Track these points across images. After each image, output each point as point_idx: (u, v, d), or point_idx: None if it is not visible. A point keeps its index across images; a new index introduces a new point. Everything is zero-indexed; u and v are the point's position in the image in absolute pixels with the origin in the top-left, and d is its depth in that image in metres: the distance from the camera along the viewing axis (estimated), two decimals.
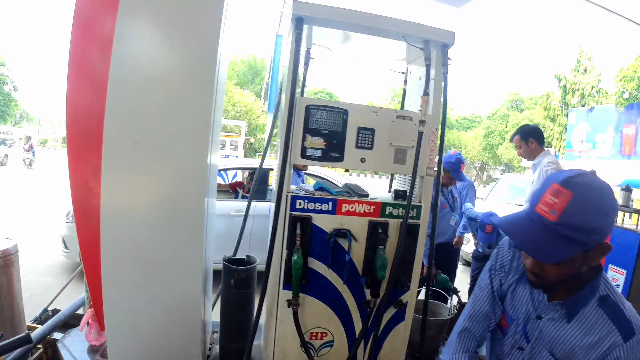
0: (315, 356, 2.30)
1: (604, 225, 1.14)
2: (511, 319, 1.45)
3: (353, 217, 2.22)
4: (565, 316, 1.30)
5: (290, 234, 2.16)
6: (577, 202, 1.11)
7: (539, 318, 1.37)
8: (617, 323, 1.22)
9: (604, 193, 1.15)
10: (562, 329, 1.31)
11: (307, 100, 2.16)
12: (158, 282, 2.29)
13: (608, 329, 1.23)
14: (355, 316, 2.29)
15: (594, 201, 1.12)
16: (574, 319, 1.28)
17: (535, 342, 1.37)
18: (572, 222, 1.12)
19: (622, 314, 1.23)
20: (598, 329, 1.24)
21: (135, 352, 2.41)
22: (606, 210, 1.14)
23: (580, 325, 1.27)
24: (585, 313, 1.27)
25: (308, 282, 2.21)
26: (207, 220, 2.40)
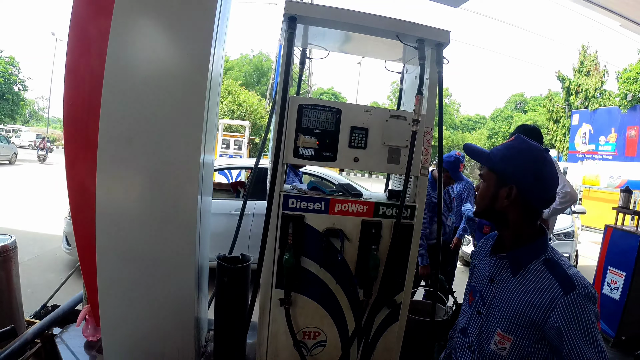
0: (307, 355, 2.30)
1: (515, 166, 1.36)
2: (475, 291, 1.53)
3: (346, 216, 2.22)
4: (511, 273, 1.39)
5: (282, 233, 2.16)
6: (510, 144, 1.42)
7: (492, 281, 1.45)
8: (558, 278, 1.28)
9: (537, 158, 1.37)
10: (509, 286, 1.38)
11: (300, 99, 2.17)
12: (152, 279, 2.31)
13: (549, 284, 1.28)
14: (348, 316, 2.30)
15: (518, 148, 1.40)
16: (518, 274, 1.37)
17: (490, 305, 1.44)
18: (497, 148, 1.44)
19: (564, 271, 1.29)
20: (540, 284, 1.30)
21: (130, 347, 2.43)
22: (524, 162, 1.36)
23: (524, 281, 1.35)
24: (529, 269, 1.35)
25: (301, 282, 2.21)
26: (201, 219, 2.41)
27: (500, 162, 1.39)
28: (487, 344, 1.42)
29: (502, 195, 1.38)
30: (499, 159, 1.40)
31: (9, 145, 20.03)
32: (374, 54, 2.81)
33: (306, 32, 2.41)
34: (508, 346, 1.37)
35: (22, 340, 2.88)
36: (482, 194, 1.44)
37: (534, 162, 1.36)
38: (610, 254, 4.17)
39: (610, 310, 3.98)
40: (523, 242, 1.38)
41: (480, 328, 1.46)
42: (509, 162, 1.37)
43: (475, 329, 1.49)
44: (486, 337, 1.43)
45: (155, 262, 2.32)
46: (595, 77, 22.89)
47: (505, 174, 1.37)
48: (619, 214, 4.39)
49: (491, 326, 1.42)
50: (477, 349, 1.47)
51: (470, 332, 1.51)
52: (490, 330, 1.42)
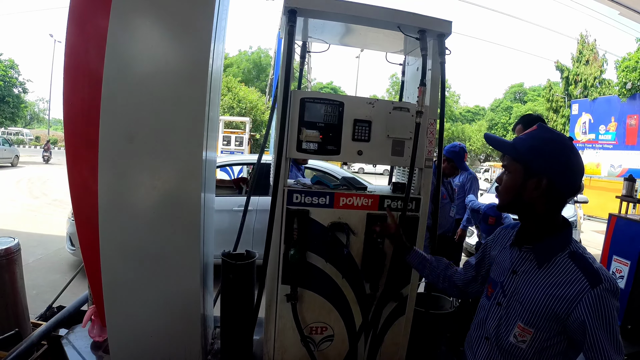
0: (315, 351, 2.29)
1: (544, 156, 1.33)
2: (496, 284, 1.51)
3: (351, 210, 2.21)
4: (536, 266, 1.38)
5: (287, 229, 2.15)
6: (534, 133, 1.38)
7: (515, 273, 1.43)
8: (584, 272, 1.27)
9: (565, 147, 1.34)
10: (533, 278, 1.37)
11: (302, 93, 2.15)
12: (156, 277, 2.30)
13: (576, 277, 1.28)
14: (355, 310, 2.29)
15: (545, 138, 1.36)
16: (543, 267, 1.36)
17: (511, 297, 1.42)
18: (520, 138, 1.40)
19: (591, 265, 1.29)
20: (566, 277, 1.30)
21: (136, 346, 2.42)
22: (553, 152, 1.33)
23: (549, 273, 1.34)
24: (555, 262, 1.34)
25: (307, 277, 2.20)
26: (205, 215, 2.40)
27: (527, 152, 1.35)
28: (507, 336, 1.41)
29: (531, 186, 1.35)
30: (526, 149, 1.36)
31: (11, 148, 20.12)
32: (375, 46, 2.78)
33: (306, 25, 2.38)
34: (528, 339, 1.36)
35: (29, 342, 2.88)
36: (508, 187, 1.41)
37: (562, 151, 1.33)
38: (615, 243, 4.16)
39: None
40: (549, 233, 1.37)
41: (499, 320, 1.45)
42: (537, 152, 1.33)
43: (494, 320, 1.48)
44: (505, 329, 1.42)
45: (159, 261, 2.30)
46: (594, 66, 22.87)
47: (534, 164, 1.33)
48: (623, 202, 4.38)
49: (511, 318, 1.41)
50: (495, 341, 1.46)
51: (488, 324, 1.50)
52: (510, 322, 1.41)
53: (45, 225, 7.21)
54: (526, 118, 3.84)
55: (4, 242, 3.06)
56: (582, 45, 23.57)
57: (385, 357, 2.38)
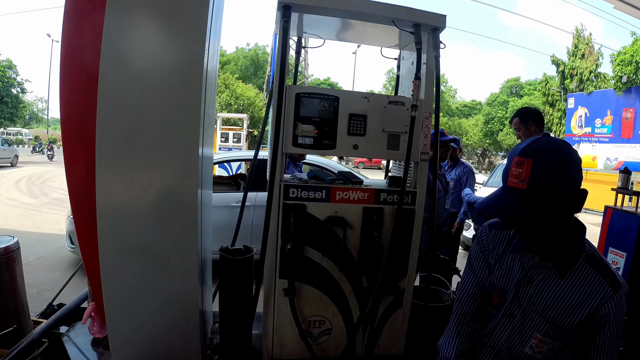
0: (313, 344, 2.31)
1: (572, 175, 1.20)
2: (504, 292, 1.44)
3: (347, 204, 2.23)
4: (556, 274, 1.32)
5: (284, 223, 2.17)
6: (539, 165, 1.18)
7: (530, 282, 1.37)
8: (606, 277, 1.26)
9: (561, 148, 1.21)
10: (554, 288, 1.32)
11: (297, 88, 2.16)
12: (155, 274, 2.31)
13: (598, 283, 1.26)
14: (352, 304, 2.31)
15: (554, 158, 1.19)
16: (565, 276, 1.31)
17: (527, 308, 1.38)
18: (540, 183, 1.18)
19: (609, 269, 1.28)
20: (588, 283, 1.28)
21: (136, 342, 2.44)
22: (568, 162, 1.20)
23: (571, 282, 1.30)
24: (576, 269, 1.30)
25: (304, 271, 2.22)
26: (202, 212, 2.41)
27: (558, 191, 1.20)
28: (520, 347, 1.39)
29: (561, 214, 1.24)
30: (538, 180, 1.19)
31: (10, 148, 20.11)
32: (370, 41, 2.79)
33: (301, 21, 2.39)
34: (545, 349, 1.35)
35: (29, 340, 2.89)
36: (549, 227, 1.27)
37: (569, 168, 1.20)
38: (611, 235, 4.19)
39: None
40: (566, 238, 1.30)
41: (511, 331, 1.41)
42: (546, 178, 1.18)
43: (504, 332, 1.43)
44: (519, 341, 1.39)
45: (157, 257, 2.31)
46: (590, 60, 22.91)
47: (565, 197, 1.21)
48: (619, 194, 4.40)
49: (527, 329, 1.37)
50: (506, 352, 1.43)
51: (497, 334, 1.45)
52: (526, 333, 1.37)
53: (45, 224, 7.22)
54: (522, 111, 3.85)
55: (3, 241, 3.06)
56: (577, 39, 23.60)
57: (383, 350, 2.41)
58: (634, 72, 17.60)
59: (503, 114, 38.09)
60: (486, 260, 1.53)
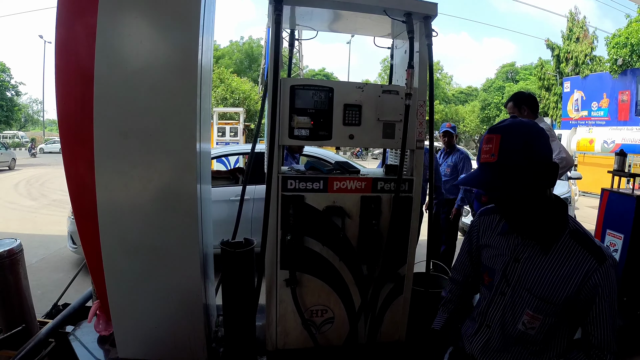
0: (316, 333, 2.35)
1: (538, 149, 1.27)
2: (492, 272, 1.51)
3: (345, 194, 2.25)
4: (540, 251, 1.38)
5: (283, 215, 2.19)
6: (507, 139, 1.26)
7: (517, 260, 1.43)
8: (590, 250, 1.30)
9: (527, 125, 1.30)
10: (539, 264, 1.38)
11: (292, 80, 2.18)
12: (157, 269, 2.34)
13: (583, 257, 1.30)
14: (353, 292, 2.34)
15: (520, 132, 1.27)
16: (550, 252, 1.36)
17: (516, 285, 1.43)
18: (508, 155, 1.25)
19: (593, 243, 1.31)
20: (573, 257, 1.31)
21: (142, 338, 2.47)
22: (534, 137, 1.27)
23: (556, 257, 1.34)
24: (560, 245, 1.34)
25: (305, 261, 2.25)
26: (202, 206, 2.43)
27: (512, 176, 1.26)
28: (514, 324, 1.43)
29: (522, 183, 1.28)
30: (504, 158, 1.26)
31: (7, 151, 20.07)
32: (363, 31, 2.80)
33: (293, 13, 2.40)
34: (537, 325, 1.38)
35: (36, 340, 2.92)
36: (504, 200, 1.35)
37: (537, 144, 1.27)
38: (608, 217, 4.20)
39: None
40: (547, 215, 1.35)
41: (504, 309, 1.46)
42: (511, 154, 1.25)
43: (497, 310, 1.48)
44: (511, 318, 1.43)
45: (159, 253, 2.34)
46: (585, 43, 22.87)
47: (536, 167, 1.27)
48: (615, 177, 4.42)
49: (518, 307, 1.41)
50: (500, 330, 1.47)
51: (490, 313, 1.50)
52: (517, 310, 1.42)
53: (46, 226, 7.24)
54: (517, 96, 3.85)
55: (6, 244, 3.08)
56: (572, 23, 23.54)
57: (385, 336, 2.44)
58: (629, 54, 17.60)
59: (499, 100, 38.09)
60: (475, 243, 1.63)
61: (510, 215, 1.38)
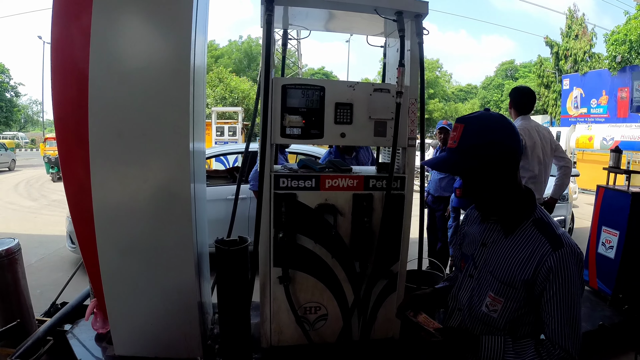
0: (310, 330, 2.37)
1: (495, 138, 1.34)
2: (467, 257, 1.58)
3: (337, 191, 2.27)
4: (503, 236, 1.44)
5: (276, 213, 2.21)
6: (468, 128, 1.37)
7: (484, 245, 1.50)
8: (547, 236, 1.34)
9: (491, 117, 1.38)
10: (501, 248, 1.43)
11: (283, 80, 2.20)
12: (152, 268, 2.38)
13: (539, 243, 1.34)
14: (347, 289, 2.36)
15: (482, 123, 1.37)
16: (510, 236, 1.42)
17: (482, 268, 1.49)
18: (467, 142, 1.36)
19: (553, 231, 1.35)
20: (531, 242, 1.36)
21: (138, 335, 2.50)
22: (494, 128, 1.36)
23: (515, 241, 1.40)
24: (521, 230, 1.40)
25: (297, 258, 2.27)
26: (196, 206, 2.46)
27: (471, 151, 1.36)
28: (479, 306, 1.47)
29: (491, 175, 1.37)
30: (468, 149, 1.36)
31: (7, 152, 20.09)
32: (357, 30, 2.82)
33: (286, 13, 2.42)
34: (499, 308, 1.42)
35: (34, 338, 2.95)
36: (474, 189, 1.43)
37: (495, 125, 1.36)
38: (604, 214, 4.22)
39: (606, 269, 4.04)
40: (513, 203, 1.42)
41: (471, 291, 1.51)
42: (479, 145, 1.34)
43: (466, 292, 1.53)
44: (478, 300, 1.48)
45: (154, 252, 2.37)
46: (584, 40, 22.83)
47: (492, 156, 1.35)
48: (610, 173, 4.43)
49: (483, 289, 1.47)
50: (468, 312, 1.52)
51: (461, 295, 1.56)
52: (482, 292, 1.46)
53: (46, 227, 7.26)
54: (516, 90, 3.82)
55: (4, 243, 3.11)
56: (570, 20, 23.50)
57: (379, 333, 2.46)
58: (628, 51, 17.56)
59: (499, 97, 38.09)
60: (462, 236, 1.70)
61: (476, 199, 1.46)
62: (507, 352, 1.36)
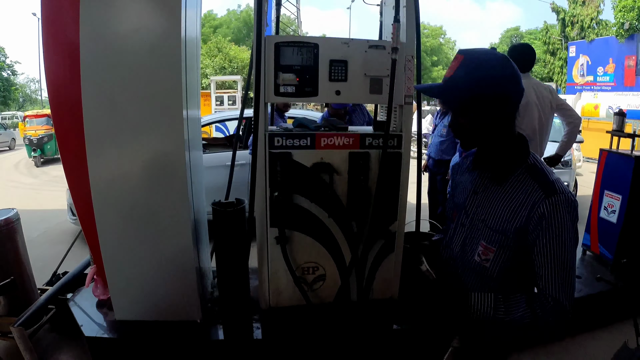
0: (308, 291, 2.37)
1: (490, 75, 1.28)
2: (459, 207, 1.55)
3: (333, 150, 2.23)
4: (495, 184, 1.41)
5: (271, 172, 2.18)
6: (466, 60, 1.30)
7: (476, 193, 1.47)
8: (540, 183, 1.31)
9: (494, 55, 1.31)
10: (493, 196, 1.40)
11: (276, 38, 2.14)
12: (150, 235, 2.41)
13: (532, 189, 1.31)
14: (344, 249, 2.34)
15: (483, 58, 1.30)
16: (502, 184, 1.39)
17: (474, 216, 1.46)
18: (462, 73, 1.29)
19: (547, 177, 1.32)
20: (523, 189, 1.33)
21: (138, 301, 2.54)
22: (492, 64, 1.29)
23: (508, 189, 1.37)
24: (514, 178, 1.37)
25: (294, 218, 2.24)
26: (192, 173, 2.47)
27: (465, 83, 1.29)
28: (471, 256, 1.45)
29: (483, 114, 1.32)
30: (463, 81, 1.30)
31: (7, 132, 20.13)
32: None
33: None
34: (491, 257, 1.40)
35: (36, 306, 2.99)
36: (467, 128, 1.37)
37: (492, 62, 1.29)
38: (606, 178, 4.18)
39: (608, 233, 4.02)
40: (506, 149, 1.38)
41: (464, 241, 1.49)
42: (474, 77, 1.28)
43: (458, 241, 1.52)
44: (470, 249, 1.46)
45: (151, 219, 2.39)
46: (591, 7, 22.29)
47: (484, 93, 1.29)
48: (614, 137, 4.37)
49: (475, 238, 1.45)
50: (461, 261, 1.50)
51: (453, 245, 1.54)
52: (474, 241, 1.45)
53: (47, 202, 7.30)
54: (512, 48, 3.72)
55: (3, 213, 3.13)
56: None
57: (378, 294, 2.46)
58: (636, 18, 17.15)
59: None
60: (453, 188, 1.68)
61: (463, 138, 1.41)
62: (498, 309, 1.33)
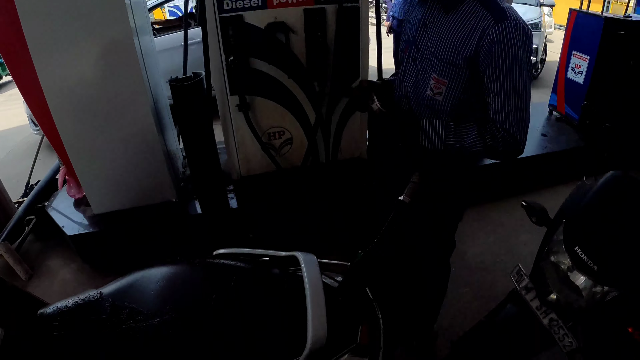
0: (277, 156, 2.38)
1: None
2: (409, 43, 1.50)
3: (287, 8, 2.10)
4: (445, 14, 1.36)
5: (224, 38, 2.08)
6: None
7: (425, 25, 1.42)
8: (490, 10, 1.26)
9: None
10: (443, 26, 1.36)
11: None
12: (111, 125, 2.38)
13: (481, 15, 1.27)
14: (308, 110, 2.31)
15: None
16: (451, 13, 1.34)
17: (424, 50, 1.43)
18: None
19: (497, 4, 1.27)
20: (472, 17, 1.29)
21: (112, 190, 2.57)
22: None
23: (457, 18, 1.33)
24: (464, 7, 1.32)
25: (254, 83, 2.19)
26: (145, 58, 2.39)
27: None
28: (424, 90, 1.44)
29: None
30: None
31: None
32: None
33: None
34: (443, 90, 1.39)
35: (16, 218, 3.00)
36: None
37: None
38: (574, 39, 4.13)
39: (574, 94, 4.06)
40: None
41: (416, 76, 1.47)
42: None
43: (411, 77, 1.49)
44: (422, 84, 1.45)
45: (110, 111, 2.34)
46: None
47: None
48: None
49: (427, 72, 1.42)
50: (414, 97, 1.49)
51: (405, 82, 1.52)
52: (426, 75, 1.43)
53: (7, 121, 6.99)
54: None
55: None
56: None
57: (345, 154, 2.49)
58: None
59: None
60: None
61: None
62: (449, 135, 1.36)
